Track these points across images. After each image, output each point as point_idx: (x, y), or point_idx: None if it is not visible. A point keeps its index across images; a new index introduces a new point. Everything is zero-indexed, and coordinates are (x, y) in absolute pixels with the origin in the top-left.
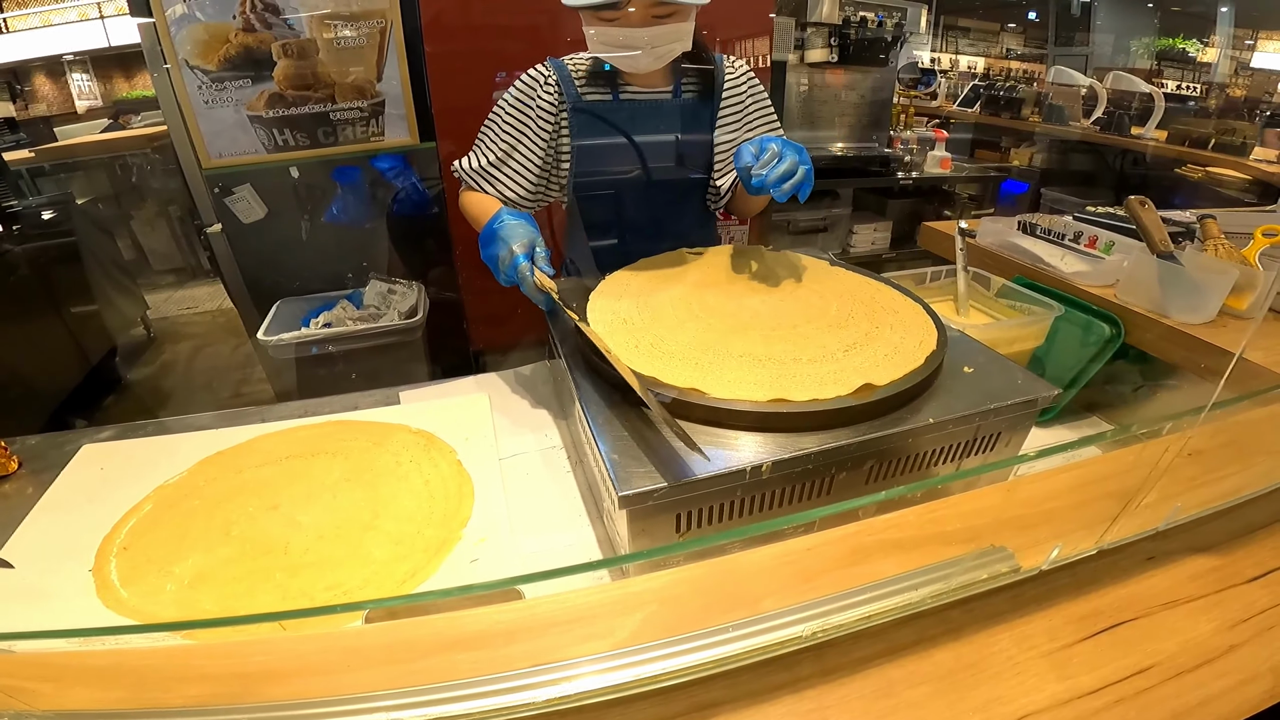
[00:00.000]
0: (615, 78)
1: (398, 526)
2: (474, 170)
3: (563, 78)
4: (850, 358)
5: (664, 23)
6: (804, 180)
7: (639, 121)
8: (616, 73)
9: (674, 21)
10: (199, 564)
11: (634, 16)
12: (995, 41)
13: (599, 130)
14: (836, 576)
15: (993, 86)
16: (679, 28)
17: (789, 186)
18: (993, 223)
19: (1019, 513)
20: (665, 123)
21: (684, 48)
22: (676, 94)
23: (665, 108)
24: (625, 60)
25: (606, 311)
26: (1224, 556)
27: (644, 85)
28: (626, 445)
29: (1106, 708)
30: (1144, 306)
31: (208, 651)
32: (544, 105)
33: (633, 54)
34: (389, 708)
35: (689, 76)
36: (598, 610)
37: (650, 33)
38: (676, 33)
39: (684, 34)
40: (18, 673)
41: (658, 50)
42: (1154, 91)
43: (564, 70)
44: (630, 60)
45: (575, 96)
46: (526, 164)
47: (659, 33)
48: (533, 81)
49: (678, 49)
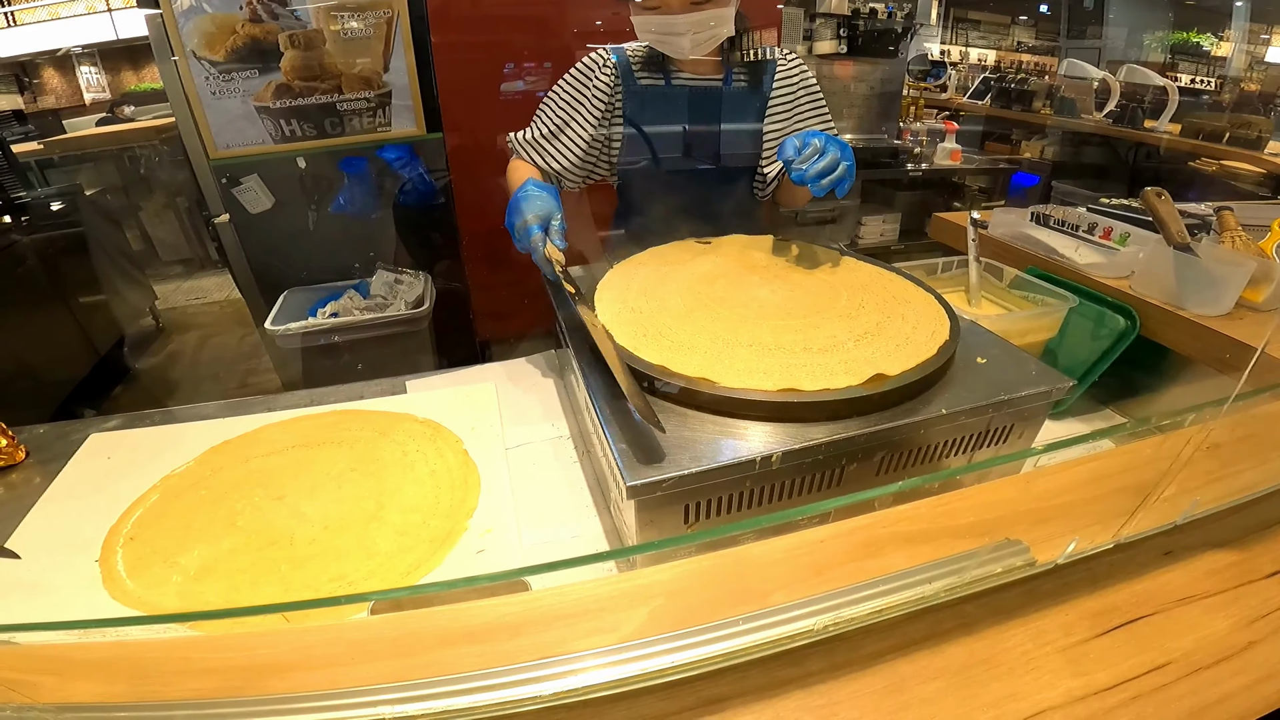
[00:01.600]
0: (668, 65)
1: (403, 517)
2: (526, 142)
3: (620, 61)
4: (861, 348)
5: (702, 8)
6: (843, 176)
7: (690, 107)
8: (670, 60)
9: (712, 7)
10: (204, 555)
11: (673, 4)
12: (1006, 34)
13: (651, 114)
14: (847, 569)
15: (1004, 79)
16: (718, 14)
17: (827, 182)
18: (1005, 214)
19: (1034, 506)
20: (715, 109)
21: (727, 33)
22: (728, 82)
23: (716, 95)
24: (669, 45)
25: (614, 300)
26: (1241, 552)
27: (696, 73)
28: (635, 435)
29: (1122, 705)
30: (1159, 298)
31: (211, 644)
32: (600, 86)
33: (675, 39)
34: (394, 701)
35: (741, 66)
36: (605, 603)
37: (689, 19)
38: (716, 18)
39: (724, 19)
40: (20, 665)
41: (699, 36)
42: (1168, 85)
43: (623, 55)
44: (674, 45)
45: (631, 81)
46: (578, 140)
47: (698, 19)
48: (592, 64)
49: (721, 34)
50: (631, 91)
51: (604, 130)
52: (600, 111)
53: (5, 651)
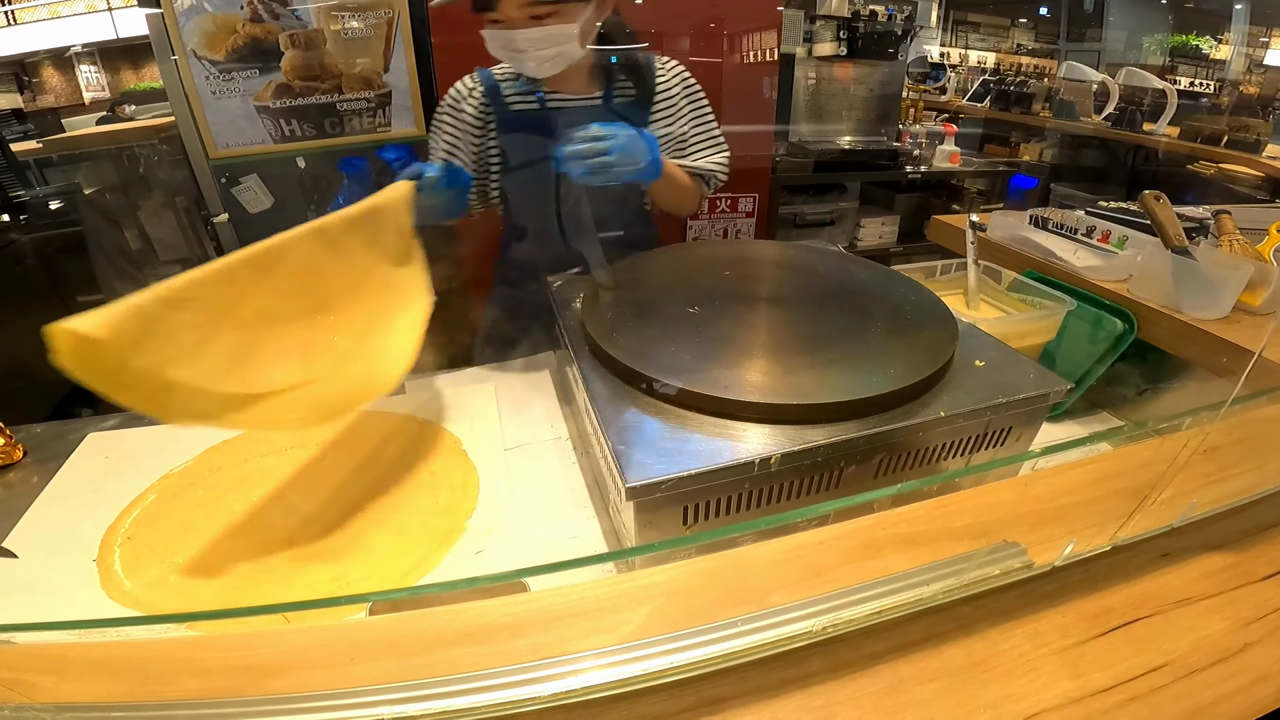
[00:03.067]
0: (540, 85)
1: (402, 517)
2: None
3: (489, 87)
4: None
5: (543, 23)
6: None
7: (561, 120)
8: (542, 80)
9: (554, 22)
10: (203, 555)
11: (512, 17)
12: (1006, 36)
13: (526, 138)
14: (846, 571)
15: (1003, 81)
16: (559, 31)
17: (578, 166)
18: (1004, 217)
19: (1032, 508)
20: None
21: (574, 52)
22: (608, 99)
23: (594, 113)
24: (517, 64)
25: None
26: (1238, 554)
27: (571, 91)
28: (633, 436)
29: (1119, 706)
30: (1157, 302)
31: (210, 644)
32: (468, 115)
33: (518, 55)
34: (393, 701)
35: (620, 80)
36: (604, 604)
37: (526, 36)
38: (559, 35)
39: (567, 37)
40: (18, 665)
41: (542, 54)
42: (1167, 87)
43: (491, 80)
44: (520, 64)
45: (501, 105)
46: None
47: (539, 35)
48: (457, 93)
49: (569, 53)
50: (504, 117)
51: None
52: (475, 140)
53: (3, 651)
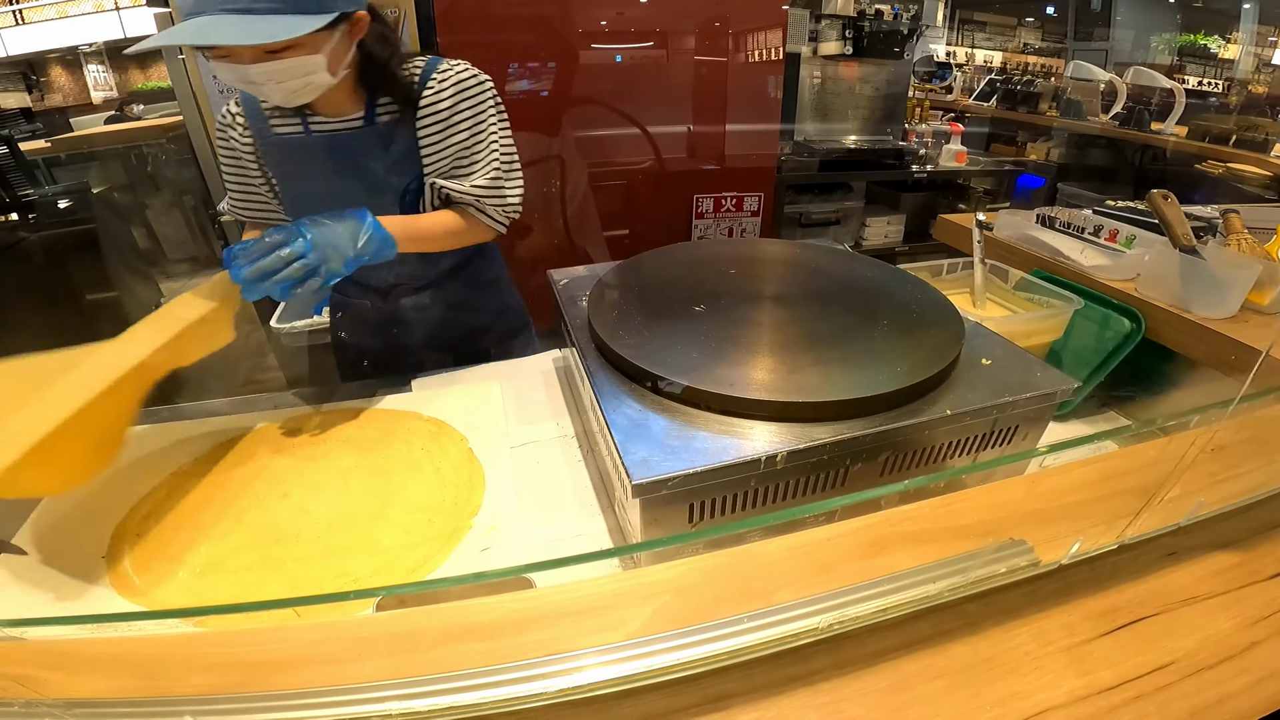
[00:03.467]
0: (303, 108)
1: (408, 515)
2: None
3: (250, 111)
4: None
5: (279, 58)
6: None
7: (334, 155)
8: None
9: (291, 56)
10: (211, 552)
11: (243, 55)
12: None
13: (296, 165)
14: (852, 568)
15: (1009, 81)
16: (302, 63)
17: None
18: (1010, 215)
19: (1038, 506)
20: (361, 153)
21: (325, 80)
22: (370, 119)
23: (360, 137)
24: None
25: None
26: (1245, 553)
27: (332, 114)
28: (639, 433)
29: (1125, 704)
30: (1165, 301)
31: (217, 640)
32: (236, 143)
33: (257, 88)
34: (399, 697)
35: (384, 97)
36: (610, 600)
37: (263, 70)
38: (301, 67)
39: (311, 68)
40: (28, 661)
41: (285, 85)
42: (1175, 87)
43: (253, 104)
44: (263, 94)
45: (264, 131)
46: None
47: (275, 69)
48: (223, 123)
49: (316, 81)
50: (268, 142)
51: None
52: (252, 164)
53: (13, 647)
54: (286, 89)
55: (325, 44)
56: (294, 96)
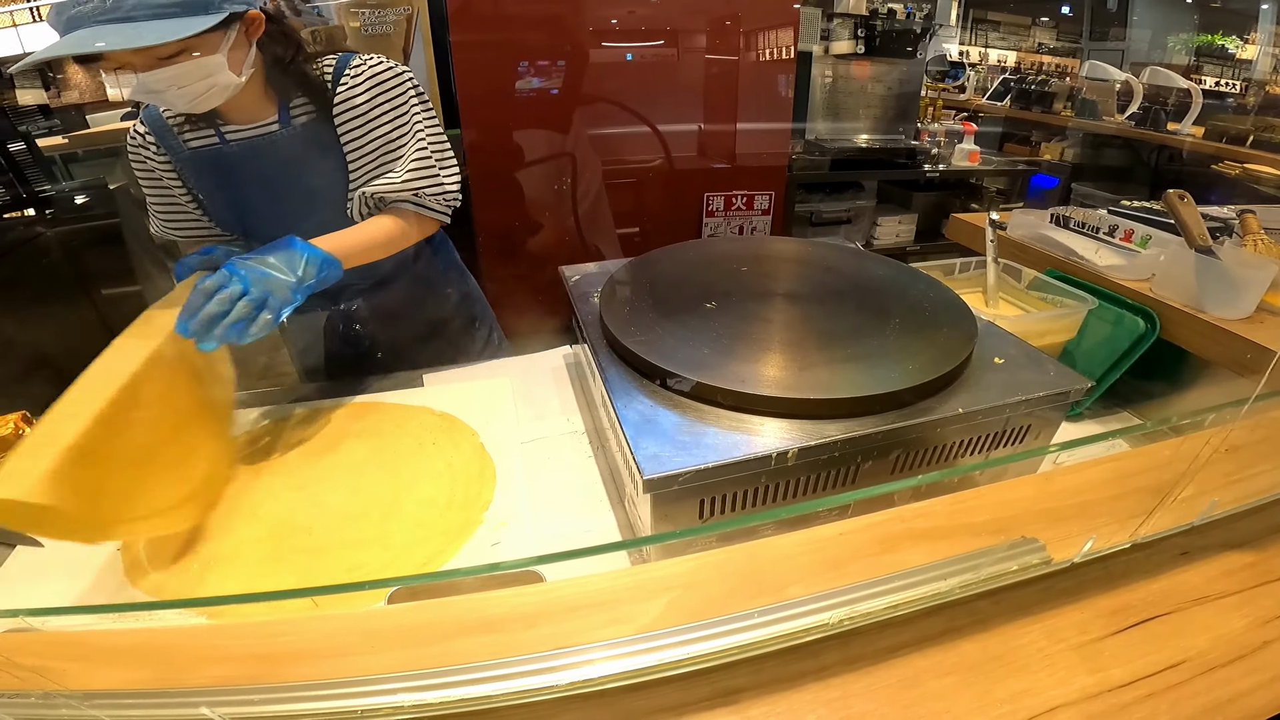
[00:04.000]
0: (214, 117)
1: (420, 509)
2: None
3: (157, 129)
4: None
5: (174, 62)
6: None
7: (257, 161)
8: (213, 112)
9: (186, 60)
10: (224, 544)
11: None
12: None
13: (218, 175)
14: (863, 565)
15: (1023, 80)
16: (201, 64)
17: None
18: (1024, 215)
19: (1051, 505)
20: (284, 157)
21: (230, 81)
22: (285, 122)
23: (279, 139)
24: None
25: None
26: (1259, 553)
27: (245, 120)
28: (651, 429)
29: (1137, 702)
30: (1180, 301)
31: (232, 632)
32: (158, 161)
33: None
34: (411, 689)
35: (297, 98)
36: (621, 595)
37: (160, 76)
38: (199, 69)
39: (210, 69)
40: (45, 652)
41: (187, 90)
42: (1191, 87)
43: (158, 120)
44: (168, 102)
45: (177, 146)
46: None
47: (173, 74)
48: (134, 145)
49: (219, 83)
50: (182, 157)
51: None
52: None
53: (30, 638)
54: (189, 94)
55: (221, 44)
56: (199, 102)
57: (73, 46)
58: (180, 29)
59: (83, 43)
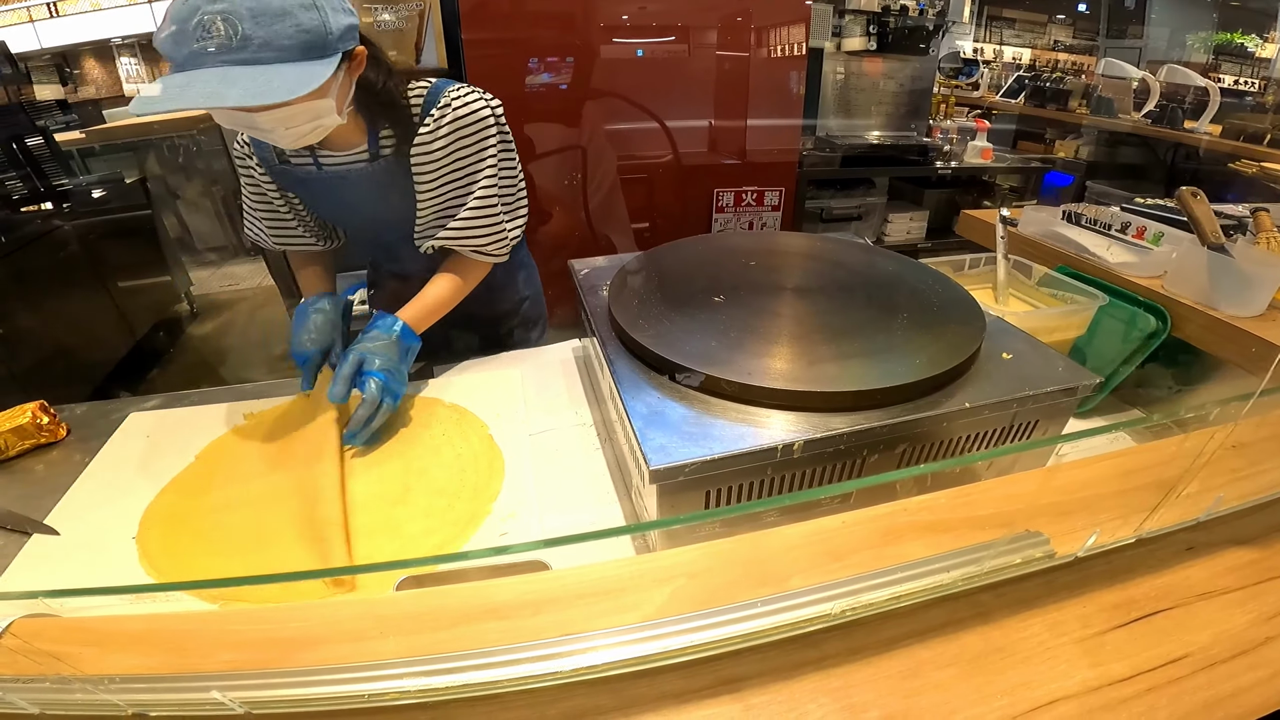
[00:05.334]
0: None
1: (429, 500)
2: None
3: (255, 141)
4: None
5: (287, 105)
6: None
7: (347, 190)
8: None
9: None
10: (238, 533)
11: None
12: (1042, 33)
13: (310, 194)
14: (866, 556)
15: (1038, 77)
16: (312, 107)
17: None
18: (1035, 211)
19: (1055, 499)
20: (371, 189)
21: (330, 123)
22: (374, 153)
23: (368, 174)
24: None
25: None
26: (1263, 549)
27: (339, 147)
28: (658, 420)
29: (1138, 695)
30: (1193, 299)
31: (244, 618)
32: (259, 174)
33: (265, 134)
34: (418, 674)
35: (384, 128)
36: (626, 583)
37: (271, 117)
38: (309, 112)
39: (320, 112)
40: (62, 638)
41: (294, 130)
42: (1209, 85)
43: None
44: (272, 139)
45: (270, 159)
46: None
47: (284, 115)
48: (238, 153)
49: (325, 125)
50: (273, 169)
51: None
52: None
53: (48, 624)
54: (295, 134)
55: (332, 87)
56: (302, 141)
57: (203, 98)
58: (307, 78)
59: (215, 93)
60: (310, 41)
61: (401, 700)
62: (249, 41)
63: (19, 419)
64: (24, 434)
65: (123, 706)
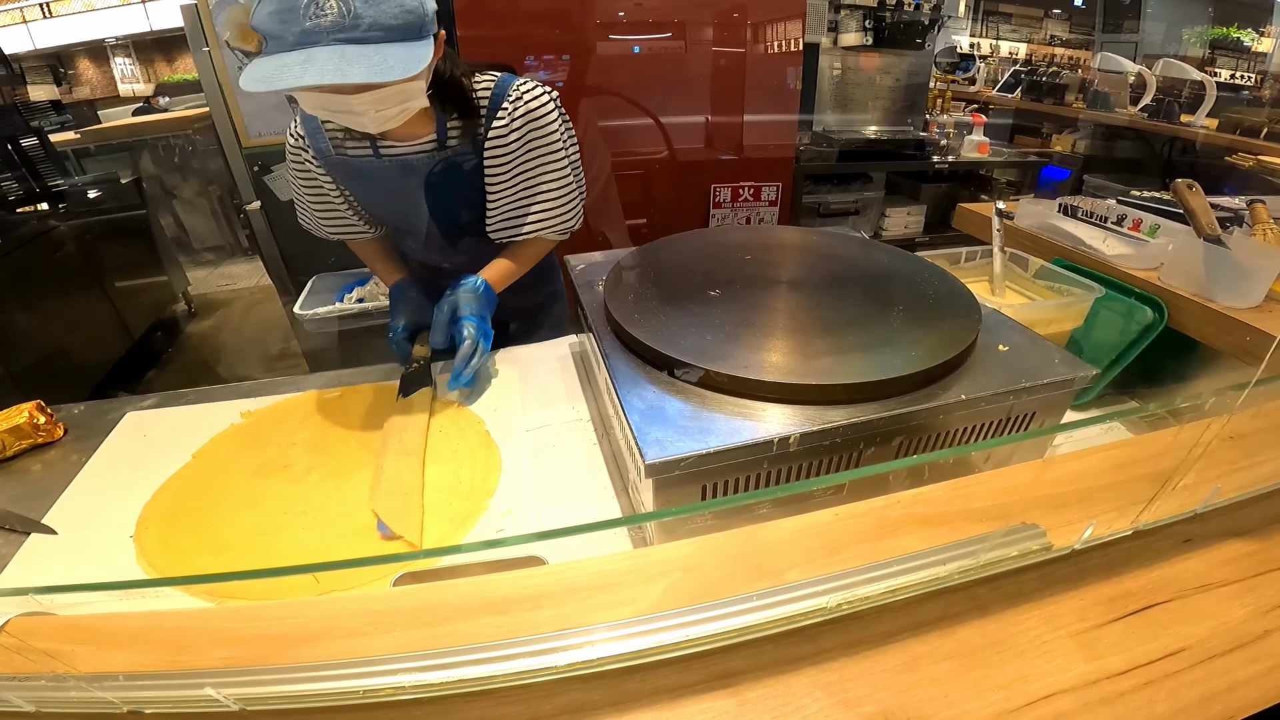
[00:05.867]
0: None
1: (426, 496)
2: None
3: (310, 129)
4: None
5: (384, 87)
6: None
7: (407, 178)
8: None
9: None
10: (234, 531)
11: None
12: (1039, 27)
13: (364, 185)
14: (862, 549)
15: (1035, 72)
16: (405, 89)
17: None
18: (1032, 204)
19: (1051, 491)
20: (435, 176)
21: (416, 106)
22: (442, 144)
23: (432, 162)
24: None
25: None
26: (1260, 541)
27: (403, 135)
28: (654, 415)
29: (1135, 689)
30: (1189, 290)
31: (240, 615)
32: (313, 167)
33: (355, 117)
34: (414, 669)
35: (453, 118)
36: (621, 578)
37: (366, 99)
38: (401, 94)
39: (411, 94)
40: (58, 636)
41: (384, 113)
42: (1205, 79)
43: (311, 121)
44: (357, 123)
45: (325, 149)
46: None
47: (379, 97)
48: (293, 145)
49: (412, 107)
50: (330, 160)
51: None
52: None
53: (44, 623)
54: (384, 117)
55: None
56: (388, 123)
57: (329, 75)
58: (415, 58)
59: (340, 72)
60: (411, 22)
61: (398, 696)
62: (360, 20)
63: (16, 419)
64: (21, 434)
65: (118, 704)
